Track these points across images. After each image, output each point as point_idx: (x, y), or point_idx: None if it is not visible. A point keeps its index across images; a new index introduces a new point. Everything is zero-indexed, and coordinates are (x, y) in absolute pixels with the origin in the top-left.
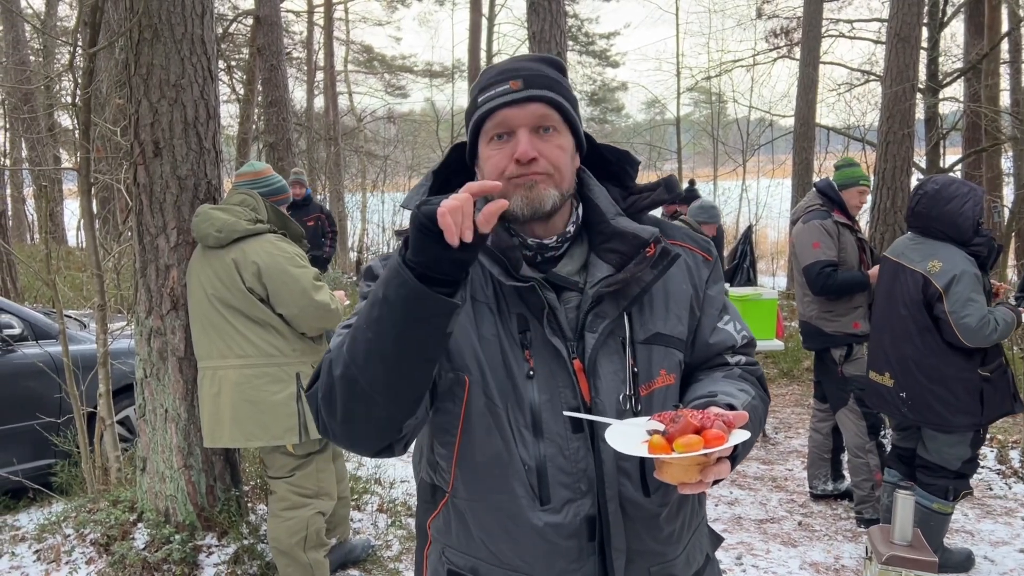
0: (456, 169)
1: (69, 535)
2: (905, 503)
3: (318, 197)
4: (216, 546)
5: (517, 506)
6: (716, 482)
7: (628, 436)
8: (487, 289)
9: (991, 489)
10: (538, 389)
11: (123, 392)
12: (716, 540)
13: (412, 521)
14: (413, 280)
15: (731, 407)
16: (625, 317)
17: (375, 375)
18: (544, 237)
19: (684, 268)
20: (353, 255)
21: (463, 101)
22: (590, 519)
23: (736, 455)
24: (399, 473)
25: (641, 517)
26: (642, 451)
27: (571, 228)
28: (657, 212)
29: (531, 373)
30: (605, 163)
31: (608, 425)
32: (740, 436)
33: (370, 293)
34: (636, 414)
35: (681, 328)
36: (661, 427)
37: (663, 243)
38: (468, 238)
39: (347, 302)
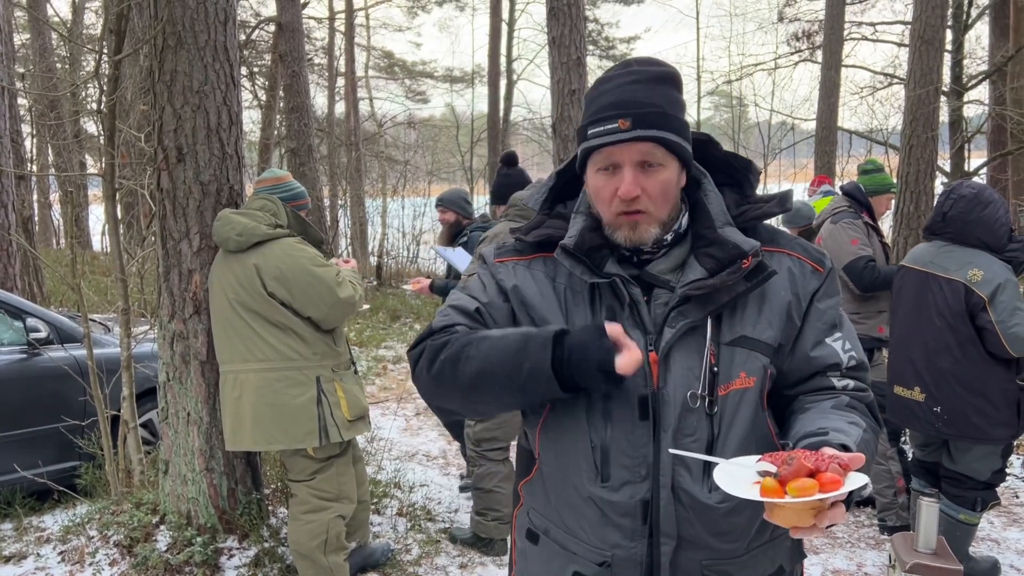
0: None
1: (93, 537)
2: (929, 510)
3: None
4: (237, 549)
5: (580, 479)
6: (830, 526)
7: (737, 476)
8: (592, 282)
9: (1017, 497)
10: None
11: (146, 395)
12: (798, 556)
13: (431, 526)
14: (558, 390)
15: (844, 447)
16: (709, 320)
17: (488, 403)
18: (642, 246)
19: (787, 275)
20: (373, 259)
21: (483, 106)
22: (645, 502)
23: (850, 498)
24: (418, 477)
25: (696, 507)
26: (753, 494)
27: (669, 237)
28: None
29: None
30: (731, 169)
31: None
32: (857, 481)
33: (511, 350)
34: (710, 414)
35: (771, 333)
36: (772, 468)
37: (761, 257)
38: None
39: (358, 272)
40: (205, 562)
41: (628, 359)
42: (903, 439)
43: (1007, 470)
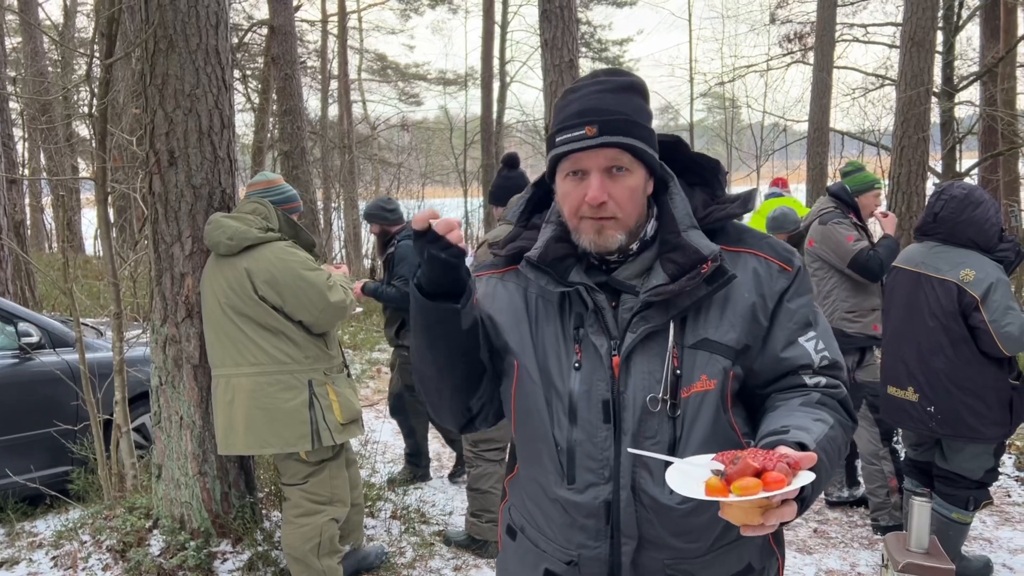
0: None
1: (86, 541)
2: (921, 510)
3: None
4: (231, 553)
5: (547, 480)
6: (784, 524)
7: (688, 475)
8: (557, 291)
9: (1010, 496)
10: (580, 380)
11: (139, 399)
12: (769, 553)
13: (425, 528)
14: (421, 298)
15: (802, 445)
16: (671, 324)
17: (427, 369)
18: (607, 253)
19: (751, 276)
20: (367, 262)
21: (476, 108)
22: (607, 504)
23: (804, 497)
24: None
25: (656, 508)
26: (699, 493)
27: (635, 246)
28: None
29: (577, 365)
30: (700, 169)
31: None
32: (803, 479)
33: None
34: (672, 417)
35: (733, 335)
36: (722, 467)
37: (720, 262)
38: (458, 240)
39: (350, 277)
40: (199, 566)
41: (420, 214)
42: (895, 439)
43: (999, 469)
